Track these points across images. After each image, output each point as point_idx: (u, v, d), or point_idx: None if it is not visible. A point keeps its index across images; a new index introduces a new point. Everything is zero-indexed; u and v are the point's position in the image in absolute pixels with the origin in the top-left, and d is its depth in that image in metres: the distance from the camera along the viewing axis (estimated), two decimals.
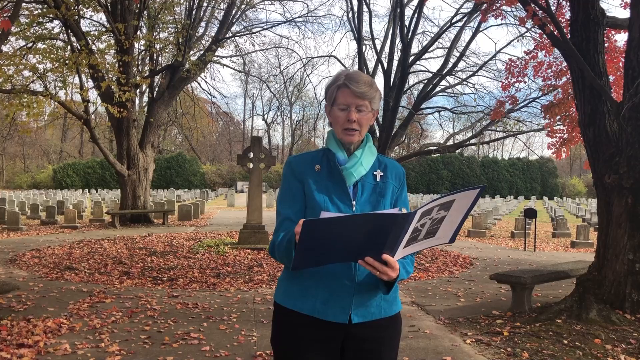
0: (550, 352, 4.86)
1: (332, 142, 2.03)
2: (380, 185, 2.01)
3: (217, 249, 11.71)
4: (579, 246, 14.74)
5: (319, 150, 2.06)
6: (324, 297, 1.91)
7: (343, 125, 1.97)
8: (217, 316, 6.09)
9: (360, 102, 1.95)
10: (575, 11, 6.52)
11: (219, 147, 69.59)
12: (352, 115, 1.94)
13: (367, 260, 1.71)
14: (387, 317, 2.00)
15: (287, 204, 2.00)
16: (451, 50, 18.52)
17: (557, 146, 10.85)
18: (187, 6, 18.72)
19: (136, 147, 17.68)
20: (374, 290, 1.93)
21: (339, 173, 1.97)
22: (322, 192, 1.95)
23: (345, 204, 1.95)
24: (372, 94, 1.96)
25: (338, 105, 1.97)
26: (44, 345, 4.82)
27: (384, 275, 1.74)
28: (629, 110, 5.83)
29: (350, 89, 1.93)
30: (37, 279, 8.31)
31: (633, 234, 5.79)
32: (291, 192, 2.00)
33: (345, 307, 1.91)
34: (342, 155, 2.00)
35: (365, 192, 1.98)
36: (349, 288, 1.90)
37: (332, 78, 2.04)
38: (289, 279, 2.00)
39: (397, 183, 2.06)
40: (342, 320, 1.91)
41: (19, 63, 13.08)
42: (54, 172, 53.29)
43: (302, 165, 2.01)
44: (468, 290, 8.07)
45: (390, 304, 2.01)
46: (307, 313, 1.92)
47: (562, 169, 66.77)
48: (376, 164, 2.05)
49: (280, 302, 2.01)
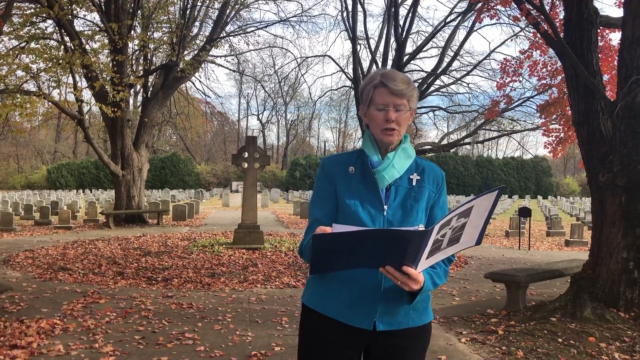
0: (545, 350, 4.86)
1: (368, 144, 1.96)
2: (416, 190, 1.94)
3: (212, 249, 11.68)
4: (573, 245, 14.78)
5: (354, 152, 2.00)
6: (348, 301, 1.87)
7: (382, 126, 1.90)
8: (212, 316, 6.07)
9: (399, 101, 1.89)
10: (568, 10, 6.54)
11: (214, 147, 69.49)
12: (391, 115, 1.88)
13: (388, 269, 1.67)
14: (416, 327, 1.94)
15: (317, 205, 1.96)
16: (445, 49, 18.56)
17: (554, 145, 10.89)
18: (181, 6, 18.70)
19: (130, 147, 17.62)
20: (401, 299, 1.87)
21: (371, 176, 1.91)
22: (353, 196, 1.90)
23: (376, 209, 1.89)
24: (410, 92, 1.90)
25: (375, 105, 1.90)
26: (37, 346, 4.79)
27: (405, 286, 1.70)
28: (623, 109, 5.85)
29: (388, 87, 1.87)
30: (31, 279, 8.26)
31: (627, 233, 5.81)
32: (322, 194, 1.96)
33: (370, 313, 1.86)
34: (376, 157, 1.93)
35: (398, 197, 1.92)
36: (375, 294, 1.85)
37: (366, 79, 1.98)
38: (315, 280, 1.97)
39: (435, 188, 1.98)
40: (366, 326, 1.87)
41: (12, 63, 13.02)
42: (48, 172, 53.11)
43: (335, 167, 1.96)
44: (463, 289, 8.08)
45: (420, 314, 1.95)
46: (331, 316, 1.90)
47: (556, 168, 66.99)
48: (413, 166, 1.97)
49: (307, 303, 1.99)
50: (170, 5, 18.20)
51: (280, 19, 22.30)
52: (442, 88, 20.73)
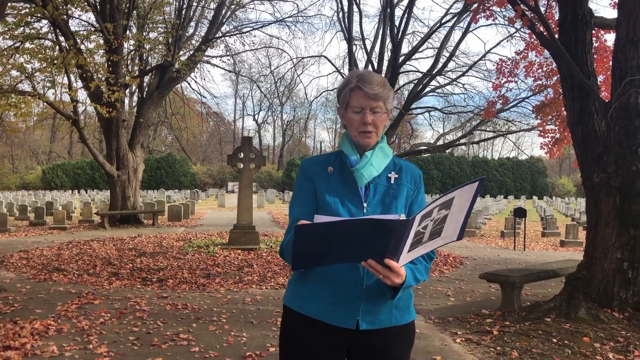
0: (540, 350, 4.87)
1: (346, 145, 1.99)
2: (394, 188, 1.96)
3: (207, 249, 11.66)
4: (569, 245, 14.82)
5: (332, 153, 2.04)
6: (330, 301, 1.86)
7: (359, 129, 1.93)
8: (207, 317, 6.06)
9: (375, 104, 1.91)
10: (563, 11, 6.56)
11: (210, 147, 69.41)
12: (368, 118, 1.91)
13: (370, 263, 1.67)
14: (399, 325, 1.94)
15: (297, 205, 1.97)
16: (441, 50, 18.58)
17: (550, 146, 10.91)
18: (176, 6, 18.67)
19: (125, 147, 17.58)
20: (383, 297, 1.87)
21: (350, 174, 1.94)
22: (333, 194, 1.92)
23: (356, 206, 1.91)
24: (386, 94, 1.92)
25: (352, 108, 1.93)
26: (31, 347, 4.77)
27: (387, 280, 1.70)
28: (617, 110, 5.87)
29: (364, 91, 1.89)
30: (25, 280, 8.23)
31: (621, 233, 5.82)
32: (302, 194, 1.98)
33: (353, 312, 1.86)
34: (355, 157, 1.96)
35: (377, 194, 1.94)
36: (357, 293, 1.85)
37: (343, 81, 2.00)
38: (297, 280, 1.98)
39: (413, 186, 2.01)
40: (349, 326, 1.86)
41: (7, 63, 12.98)
42: (43, 172, 52.92)
43: (314, 167, 1.99)
44: (458, 290, 8.09)
45: (402, 313, 1.95)
46: (313, 316, 1.89)
47: (551, 168, 67.16)
48: (391, 165, 2.00)
49: (288, 304, 1.98)
50: (165, 6, 18.16)
51: (276, 20, 22.32)
52: (437, 89, 20.73)
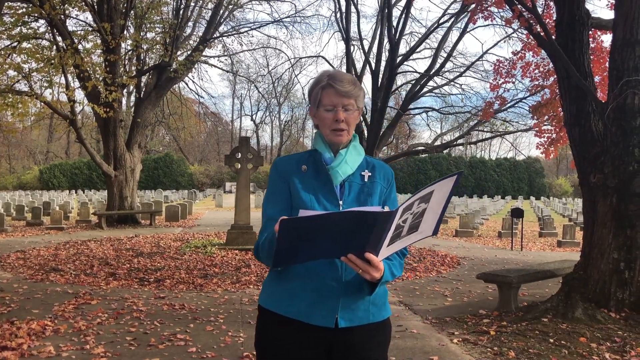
0: (537, 351, 4.88)
1: (320, 143, 1.99)
2: (368, 185, 1.98)
3: (205, 249, 11.65)
4: (566, 245, 14.85)
5: (305, 152, 2.03)
6: (309, 300, 1.86)
7: (331, 126, 1.94)
8: (204, 317, 6.05)
9: (347, 102, 1.92)
10: (560, 12, 6.57)
11: (207, 147, 69.32)
12: (340, 115, 1.92)
13: (350, 257, 1.68)
14: (376, 322, 1.94)
15: (272, 204, 1.97)
16: (439, 50, 18.61)
17: (546, 146, 10.94)
18: (174, 6, 18.64)
19: (123, 147, 17.56)
20: (361, 293, 1.88)
21: (325, 172, 1.94)
22: (308, 192, 1.92)
23: (332, 204, 1.91)
24: (357, 92, 1.94)
25: (324, 106, 1.94)
26: (27, 347, 4.76)
27: (366, 274, 1.71)
28: (614, 111, 5.88)
29: (335, 88, 1.91)
30: (22, 280, 8.22)
31: (618, 233, 5.84)
32: (276, 193, 1.97)
33: (332, 310, 1.86)
34: (328, 155, 1.97)
35: (352, 192, 1.95)
36: (336, 290, 1.85)
37: (314, 80, 2.01)
38: (274, 281, 1.95)
39: (386, 183, 2.03)
40: (328, 324, 1.86)
41: (4, 62, 12.97)
42: (40, 172, 52.83)
43: (288, 166, 1.98)
44: (455, 290, 8.09)
45: (379, 309, 1.95)
46: (292, 317, 1.88)
47: (549, 169, 67.25)
48: (364, 164, 2.01)
49: (265, 305, 1.96)
50: (163, 6, 18.14)
51: (274, 20, 22.28)
52: (435, 89, 20.75)
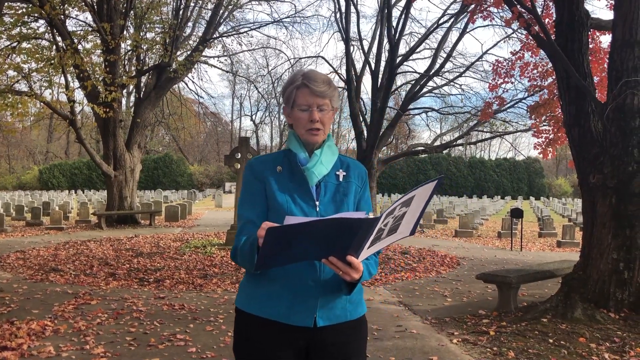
0: (536, 351, 4.89)
1: (294, 143, 1.98)
2: (343, 185, 1.98)
3: (205, 249, 11.66)
4: (565, 246, 14.85)
5: (280, 152, 2.02)
6: (288, 301, 1.86)
7: (306, 126, 1.93)
8: (204, 317, 6.06)
9: (321, 102, 1.92)
10: (560, 13, 6.58)
11: (207, 147, 69.24)
12: (315, 115, 1.91)
13: (331, 260, 1.68)
14: (353, 320, 1.96)
15: (248, 206, 1.94)
16: (438, 51, 18.63)
17: (543, 146, 10.95)
18: (174, 6, 18.65)
19: (123, 147, 17.56)
20: (339, 292, 1.89)
21: (300, 173, 1.93)
22: (284, 193, 1.91)
23: (308, 205, 1.91)
24: (331, 93, 1.93)
25: (299, 106, 1.93)
26: (27, 348, 4.77)
27: (346, 276, 1.71)
28: (613, 111, 5.89)
29: (310, 88, 1.90)
30: (22, 280, 8.22)
31: (617, 234, 5.84)
32: (252, 194, 1.95)
33: (311, 310, 1.86)
34: (303, 155, 1.96)
35: (328, 192, 1.95)
36: (314, 290, 1.85)
37: (287, 80, 2.00)
38: (250, 283, 1.94)
39: (360, 182, 2.03)
40: (307, 324, 1.86)
41: (4, 63, 12.96)
42: (40, 173, 52.79)
43: (263, 166, 1.97)
44: (455, 290, 8.10)
45: (355, 307, 1.97)
46: (270, 318, 1.87)
47: (548, 169, 67.25)
48: (338, 163, 2.01)
49: (243, 308, 1.94)
50: (163, 6, 18.16)
51: (274, 20, 22.31)
52: (434, 89, 20.78)
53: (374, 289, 7.99)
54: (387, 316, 6.30)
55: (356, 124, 18.34)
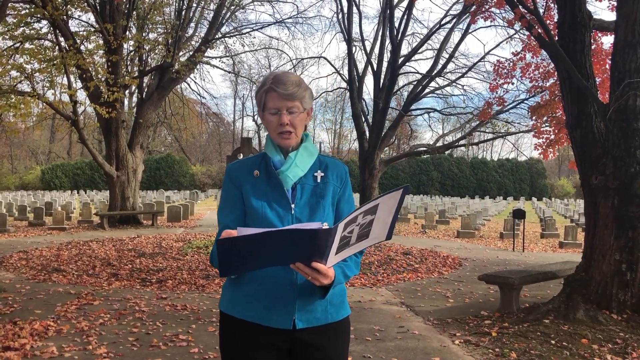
0: (538, 352, 4.89)
1: (270, 146, 1.98)
2: (321, 187, 1.97)
3: (207, 250, 11.67)
4: (567, 247, 14.84)
5: (258, 156, 2.02)
6: (266, 303, 1.88)
7: (276, 130, 1.92)
8: (206, 318, 6.07)
9: (290, 104, 1.90)
10: (562, 14, 6.57)
11: (209, 148, 69.30)
12: (284, 119, 1.90)
13: (298, 266, 1.69)
14: (334, 322, 1.96)
15: (225, 212, 1.96)
16: (440, 51, 18.62)
17: (544, 147, 10.95)
18: (176, 7, 18.67)
19: (125, 148, 17.59)
20: (316, 295, 1.89)
21: (275, 177, 1.94)
22: (260, 198, 1.92)
23: (284, 208, 1.91)
24: (301, 94, 1.91)
25: (269, 110, 1.92)
26: (30, 348, 4.78)
27: (315, 281, 1.72)
28: (616, 112, 5.89)
29: (277, 92, 1.88)
30: (24, 281, 8.24)
31: (619, 235, 5.84)
32: (229, 200, 1.97)
33: (289, 312, 1.88)
34: (278, 157, 1.96)
35: (304, 195, 1.94)
36: (291, 293, 1.87)
37: (259, 83, 2.00)
38: (232, 286, 1.96)
39: (339, 183, 2.01)
40: (285, 326, 1.88)
41: (6, 63, 12.99)
42: (42, 173, 52.85)
43: (240, 172, 1.98)
44: (457, 291, 8.10)
45: (337, 309, 1.97)
46: (250, 320, 1.89)
47: (550, 170, 67.16)
48: (317, 164, 2.00)
49: (225, 310, 1.97)
50: (165, 6, 18.16)
51: (276, 21, 22.30)
52: (437, 90, 20.77)
53: (375, 290, 7.99)
54: (389, 317, 6.30)
55: (358, 125, 18.34)
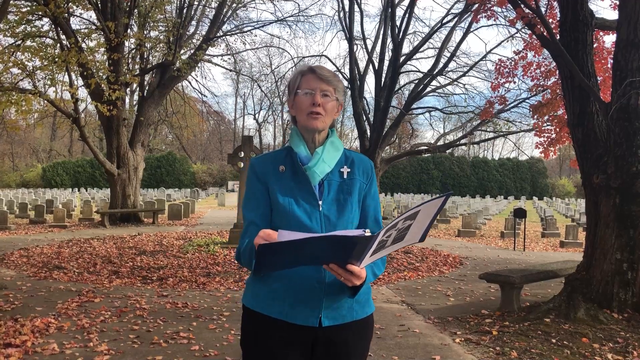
0: (539, 351, 4.89)
1: (296, 140, 1.95)
2: (347, 182, 1.95)
3: (207, 248, 11.68)
4: (568, 246, 14.83)
5: (282, 150, 2.00)
6: (292, 300, 1.86)
7: (308, 109, 1.89)
8: (207, 315, 6.07)
9: (325, 87, 1.90)
10: (564, 12, 6.56)
11: (210, 146, 69.33)
12: (317, 98, 1.88)
13: (332, 267, 1.68)
14: (359, 319, 1.95)
15: (251, 207, 1.94)
16: (442, 50, 18.58)
17: (545, 145, 10.94)
18: (177, 5, 18.68)
19: (126, 146, 17.59)
20: (343, 293, 1.88)
21: (302, 173, 1.91)
22: (286, 194, 1.89)
23: (311, 205, 1.89)
24: (336, 82, 1.93)
25: (302, 89, 1.91)
26: (31, 345, 4.78)
27: (348, 282, 1.71)
28: (617, 111, 5.88)
29: (315, 73, 1.90)
30: (25, 278, 8.24)
31: (621, 234, 5.84)
32: (255, 196, 1.94)
33: (315, 310, 1.86)
34: (304, 152, 1.93)
35: (331, 191, 1.92)
36: (319, 290, 1.85)
37: (293, 73, 2.01)
38: (257, 281, 1.94)
39: (365, 179, 1.99)
40: (312, 324, 1.87)
41: (8, 61, 12.97)
42: (43, 170, 52.87)
43: (265, 166, 1.95)
44: (458, 290, 8.10)
45: (362, 306, 1.96)
46: (276, 316, 1.88)
47: (551, 169, 67.13)
48: (342, 159, 1.98)
49: (249, 305, 1.95)
50: (166, 4, 18.17)
51: (277, 19, 22.29)
52: (438, 89, 20.73)
53: (377, 289, 7.99)
54: (389, 315, 6.30)
55: (359, 123, 18.33)
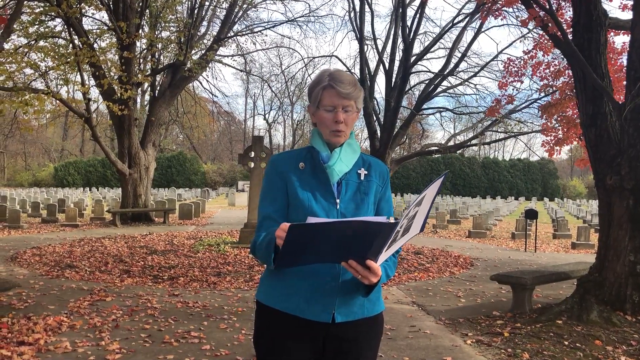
0: (551, 353, 4.85)
1: (317, 141, 2.01)
2: (364, 184, 2.00)
3: (218, 248, 11.71)
4: (580, 247, 14.73)
5: (303, 149, 2.04)
6: (307, 296, 1.89)
7: (331, 127, 1.95)
8: (218, 315, 6.09)
9: (347, 103, 1.94)
10: (577, 12, 6.51)
11: (220, 146, 69.56)
12: (340, 117, 1.93)
13: (351, 264, 1.71)
14: (370, 317, 1.99)
15: (268, 202, 1.98)
16: (453, 50, 18.52)
17: (551, 144, 10.89)
18: (189, 5, 18.74)
19: (137, 145, 17.68)
20: (358, 291, 1.92)
21: (322, 171, 1.96)
22: (305, 190, 1.94)
23: (329, 202, 1.94)
24: (357, 94, 1.96)
25: (324, 107, 1.95)
26: (44, 343, 4.82)
27: (365, 280, 1.75)
28: (631, 112, 5.82)
29: (337, 89, 1.92)
30: (38, 277, 8.31)
31: (634, 235, 5.78)
32: (272, 190, 1.98)
33: (329, 306, 1.90)
34: (326, 153, 1.98)
35: (349, 191, 1.97)
36: (333, 287, 1.89)
37: (314, 79, 2.02)
38: (271, 277, 1.99)
39: (381, 182, 2.05)
40: (325, 320, 1.90)
41: (21, 61, 13.10)
42: (55, 170, 53.28)
43: (286, 163, 2.00)
44: (468, 291, 8.06)
45: (373, 304, 2.00)
46: (290, 312, 1.91)
47: (562, 170, 66.67)
48: (360, 162, 2.03)
49: (263, 301, 1.99)
50: (178, 5, 18.24)
51: (288, 19, 22.28)
52: (449, 89, 20.66)
53: (387, 289, 7.97)
54: (400, 316, 6.29)
55: (370, 124, 18.31)
